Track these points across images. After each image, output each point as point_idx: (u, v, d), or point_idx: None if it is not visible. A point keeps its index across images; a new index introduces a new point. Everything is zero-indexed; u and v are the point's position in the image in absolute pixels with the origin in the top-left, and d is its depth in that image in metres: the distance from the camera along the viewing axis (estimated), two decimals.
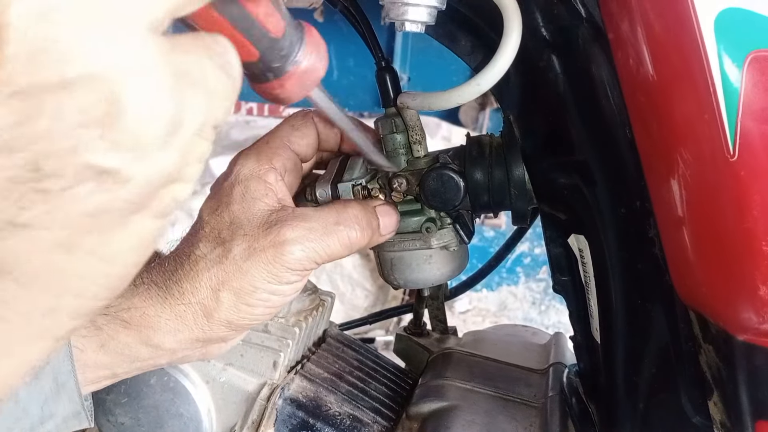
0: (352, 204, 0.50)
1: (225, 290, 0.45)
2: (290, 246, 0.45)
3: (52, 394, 0.44)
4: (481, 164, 0.56)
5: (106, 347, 0.45)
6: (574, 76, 0.50)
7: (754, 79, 0.34)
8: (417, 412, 0.64)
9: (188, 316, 0.45)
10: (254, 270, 0.45)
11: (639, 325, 0.51)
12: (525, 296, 2.61)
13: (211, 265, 0.45)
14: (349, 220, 0.48)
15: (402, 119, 0.57)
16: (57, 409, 0.44)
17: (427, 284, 0.62)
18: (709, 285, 0.42)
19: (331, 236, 0.47)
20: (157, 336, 0.46)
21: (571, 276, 0.59)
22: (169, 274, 0.46)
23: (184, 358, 0.50)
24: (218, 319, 0.46)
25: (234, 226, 0.46)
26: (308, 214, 0.47)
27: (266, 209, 0.47)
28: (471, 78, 0.46)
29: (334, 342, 0.73)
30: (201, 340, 0.47)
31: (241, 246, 0.45)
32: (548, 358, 0.73)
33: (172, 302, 0.45)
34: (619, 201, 0.50)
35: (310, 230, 0.46)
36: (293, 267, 0.46)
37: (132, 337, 0.45)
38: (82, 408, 0.45)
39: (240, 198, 0.47)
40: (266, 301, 0.46)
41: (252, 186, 0.47)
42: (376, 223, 0.51)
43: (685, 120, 0.37)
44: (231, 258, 0.45)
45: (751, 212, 0.36)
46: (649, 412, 0.53)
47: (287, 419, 0.61)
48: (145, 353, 0.46)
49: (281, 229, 0.45)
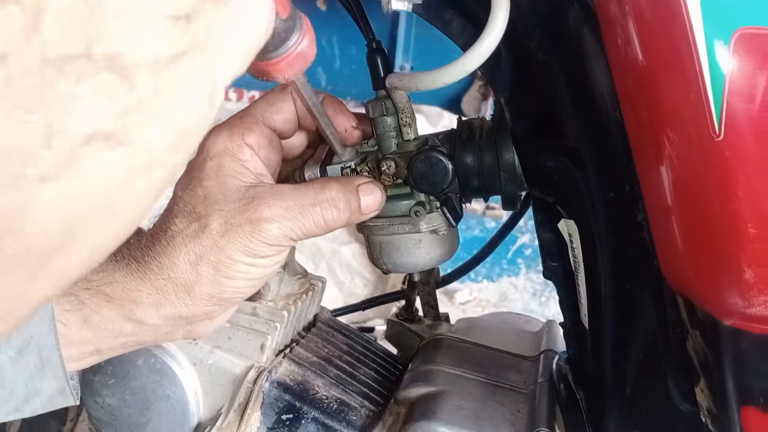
0: (331, 183, 0.49)
1: (203, 264, 0.45)
2: (266, 224, 0.45)
3: (36, 371, 0.44)
4: (471, 148, 0.56)
5: (89, 322, 0.45)
6: (565, 58, 0.49)
7: (741, 57, 0.34)
8: (405, 396, 0.64)
9: (169, 291, 0.45)
10: (231, 245, 0.45)
11: (627, 311, 0.51)
12: (526, 287, 2.61)
13: (188, 240, 0.45)
14: (326, 201, 0.48)
15: (392, 101, 0.56)
16: (42, 385, 0.44)
17: (416, 268, 0.62)
18: (695, 269, 0.41)
19: (307, 216, 0.47)
20: (139, 310, 0.45)
21: (561, 261, 0.59)
22: (146, 249, 0.46)
23: (169, 335, 0.49)
24: (199, 293, 0.46)
25: (209, 201, 0.46)
26: (286, 192, 0.47)
27: (242, 185, 0.47)
28: (458, 58, 0.45)
29: (324, 327, 0.73)
30: (184, 317, 0.47)
31: (218, 221, 0.45)
32: (540, 345, 0.73)
33: (151, 277, 0.45)
34: (609, 185, 0.49)
35: (286, 209, 0.46)
36: (270, 242, 0.46)
37: (115, 311, 0.45)
38: (67, 384, 0.45)
39: (214, 174, 0.47)
40: (246, 273, 0.46)
41: (226, 163, 0.47)
42: (356, 203, 0.50)
43: (672, 100, 0.37)
44: (208, 233, 0.45)
45: (736, 193, 0.35)
46: (637, 398, 0.52)
47: (274, 402, 0.61)
48: (129, 328, 0.46)
49: (258, 206, 0.45)
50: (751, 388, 0.43)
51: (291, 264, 0.68)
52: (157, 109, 0.24)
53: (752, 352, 0.42)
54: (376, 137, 0.59)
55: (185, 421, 0.62)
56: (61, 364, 0.44)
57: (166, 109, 0.24)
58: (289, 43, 0.40)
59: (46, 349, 0.43)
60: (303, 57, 0.41)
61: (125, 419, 0.63)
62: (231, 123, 0.51)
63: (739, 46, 0.34)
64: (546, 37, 0.50)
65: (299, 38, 0.40)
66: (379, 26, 3.03)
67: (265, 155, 0.51)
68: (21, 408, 0.45)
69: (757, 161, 0.35)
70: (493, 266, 2.65)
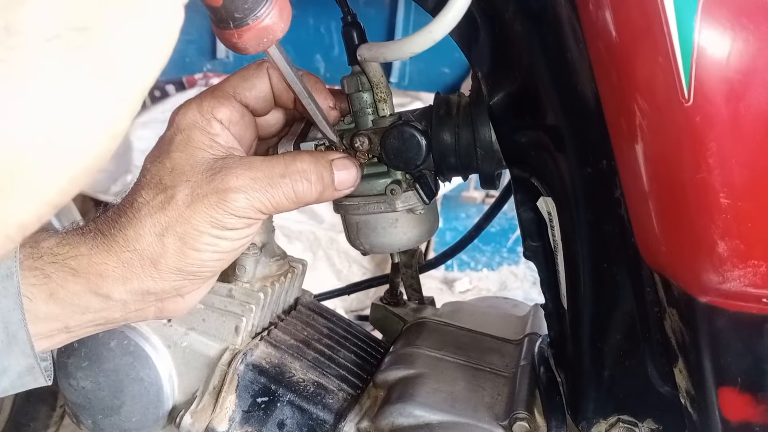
0: (302, 156, 0.48)
1: (169, 235, 0.44)
2: (233, 194, 0.44)
3: (3, 347, 0.43)
4: (447, 124, 0.54)
5: (55, 296, 0.44)
6: (541, 28, 0.47)
7: (709, 20, 0.32)
8: (384, 379, 0.63)
9: (135, 264, 0.44)
10: (197, 215, 0.44)
11: (605, 290, 0.49)
12: (526, 276, 2.59)
13: (153, 211, 0.44)
14: (296, 173, 0.46)
15: (366, 76, 0.55)
16: (9, 362, 0.43)
17: (393, 249, 0.60)
18: (669, 243, 0.40)
19: (276, 188, 0.45)
20: (105, 284, 0.44)
21: (541, 242, 0.57)
22: (112, 222, 0.45)
23: (140, 313, 0.48)
24: (166, 265, 0.44)
25: (176, 173, 0.45)
26: (255, 163, 0.46)
27: (211, 157, 0.46)
28: (424, 26, 0.44)
29: (305, 310, 0.72)
30: (153, 292, 0.46)
31: (184, 192, 0.44)
32: (525, 329, 0.72)
33: (117, 249, 0.44)
34: (586, 160, 0.47)
35: (254, 180, 0.45)
36: (237, 214, 0.44)
37: (81, 285, 0.44)
38: (36, 362, 0.44)
39: (182, 146, 0.46)
40: (213, 246, 0.45)
41: (195, 136, 0.46)
42: (329, 177, 0.49)
43: (640, 65, 0.35)
44: (174, 204, 0.44)
45: (707, 161, 0.34)
46: (615, 380, 0.51)
47: (249, 385, 0.60)
48: (96, 303, 0.45)
49: (225, 176, 0.44)
50: (728, 368, 0.42)
51: (269, 245, 0.67)
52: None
53: (728, 331, 0.40)
54: (353, 114, 0.57)
55: (159, 404, 0.62)
56: (28, 339, 0.43)
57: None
58: (256, 14, 0.39)
59: (12, 324, 0.42)
60: (269, 29, 0.40)
61: (99, 402, 0.62)
62: (201, 97, 0.50)
63: (708, 7, 0.32)
64: (522, 7, 0.48)
65: (268, 10, 0.39)
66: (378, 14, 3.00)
67: (237, 131, 0.50)
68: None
69: (728, 127, 0.33)
70: (493, 255, 2.63)
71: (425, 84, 2.86)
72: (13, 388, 0.45)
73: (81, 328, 0.47)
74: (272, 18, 0.39)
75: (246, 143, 0.51)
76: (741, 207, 0.35)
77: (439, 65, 2.86)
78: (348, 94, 0.56)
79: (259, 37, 0.40)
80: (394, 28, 2.81)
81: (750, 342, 0.41)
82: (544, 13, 0.46)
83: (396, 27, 2.80)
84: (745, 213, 0.35)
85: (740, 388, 0.42)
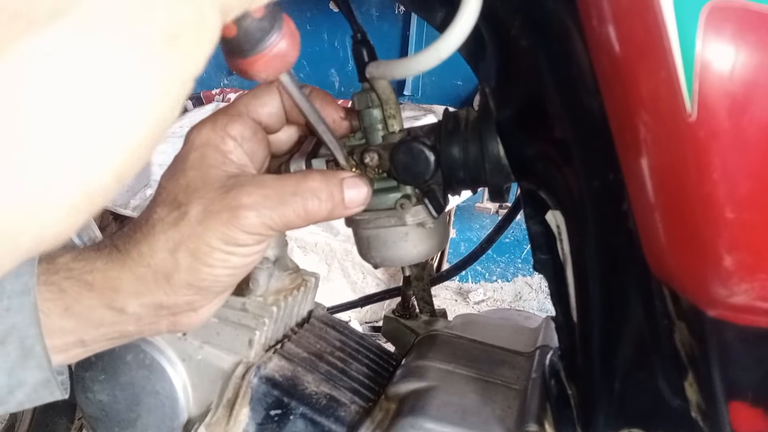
0: (313, 174, 0.49)
1: (181, 251, 0.45)
2: (245, 211, 0.45)
3: (19, 361, 0.44)
4: (456, 139, 0.55)
5: (71, 311, 0.45)
6: (547, 43, 0.48)
7: (712, 33, 0.32)
8: (395, 392, 0.63)
9: (149, 279, 0.45)
10: (209, 231, 0.45)
11: (614, 303, 0.49)
12: (541, 286, 2.58)
13: (167, 227, 0.45)
14: (307, 191, 0.47)
15: (376, 93, 0.56)
16: (25, 376, 0.44)
17: (404, 262, 0.61)
18: (676, 257, 0.40)
19: (287, 205, 0.46)
20: (120, 298, 0.45)
21: (550, 254, 0.57)
22: (127, 237, 0.46)
23: (153, 327, 0.49)
24: (178, 280, 0.45)
25: (190, 190, 0.46)
26: (267, 180, 0.47)
27: (224, 174, 0.47)
28: (431, 44, 0.44)
29: (317, 323, 0.73)
30: (166, 306, 0.47)
31: (197, 208, 0.45)
32: (536, 341, 0.72)
33: (131, 264, 0.45)
34: (593, 174, 0.48)
35: (265, 197, 0.45)
36: (248, 230, 0.45)
37: (95, 300, 0.45)
38: (52, 375, 0.45)
39: (197, 164, 0.47)
40: (224, 262, 0.46)
41: (209, 154, 0.47)
42: (339, 195, 0.50)
43: (643, 79, 0.35)
44: (187, 220, 0.45)
45: (711, 176, 0.34)
46: (626, 393, 0.51)
47: (262, 398, 0.61)
48: (110, 317, 0.46)
49: (238, 194, 0.45)
50: (739, 382, 0.41)
51: (282, 259, 0.67)
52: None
53: (738, 344, 0.40)
54: (363, 130, 0.58)
55: (175, 417, 0.62)
56: (44, 354, 0.44)
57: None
58: (266, 43, 0.40)
59: (28, 338, 0.44)
60: (281, 58, 0.41)
61: (116, 415, 0.63)
62: (215, 116, 0.51)
63: (710, 21, 0.32)
64: (528, 22, 0.48)
65: (278, 39, 0.40)
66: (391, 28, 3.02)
67: (250, 147, 0.51)
68: (6, 400, 0.45)
69: (732, 141, 0.33)
70: (507, 266, 2.63)
71: (439, 97, 2.87)
72: (30, 402, 0.46)
73: (96, 342, 0.48)
74: (283, 46, 0.40)
75: (259, 160, 0.52)
76: (747, 220, 0.35)
77: (452, 78, 2.87)
78: (358, 110, 0.57)
79: (272, 64, 0.41)
80: (408, 41, 2.83)
81: (760, 356, 0.41)
82: (550, 28, 0.47)
83: (410, 40, 2.82)
84: (751, 227, 0.35)
85: (751, 402, 0.42)
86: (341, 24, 2.88)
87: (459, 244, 2.80)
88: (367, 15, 2.85)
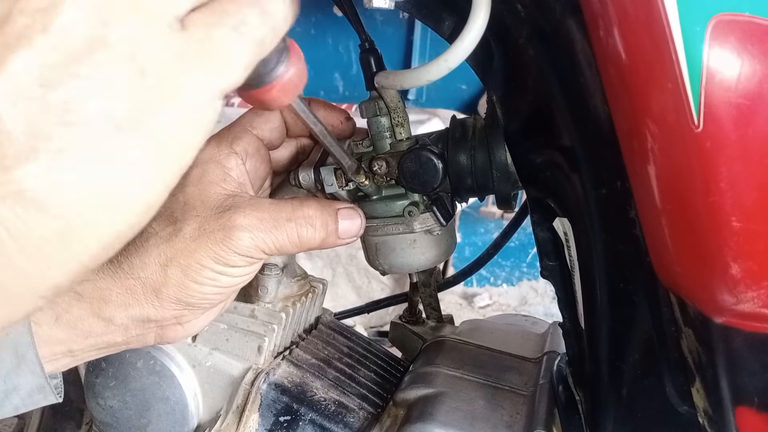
0: (309, 202, 0.50)
1: (172, 266, 0.45)
2: (239, 232, 0.45)
3: (13, 367, 0.44)
4: (463, 147, 0.55)
5: (60, 320, 0.46)
6: (554, 53, 0.49)
7: (718, 45, 0.33)
8: (404, 398, 0.63)
9: (138, 291, 0.46)
10: (202, 249, 0.45)
11: (622, 310, 0.49)
12: (546, 291, 2.58)
13: (160, 242, 0.46)
14: (302, 218, 0.48)
15: (384, 102, 0.56)
16: (20, 382, 0.45)
17: (412, 269, 0.61)
18: (683, 265, 0.40)
19: (281, 230, 0.47)
20: (108, 309, 0.46)
21: (558, 261, 0.58)
22: (120, 249, 0.46)
23: (141, 339, 0.50)
24: (167, 295, 0.46)
25: (187, 207, 0.46)
26: (263, 204, 0.47)
27: (222, 193, 0.47)
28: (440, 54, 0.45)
29: (325, 329, 0.73)
30: (153, 320, 0.48)
31: (192, 226, 0.46)
32: (544, 347, 0.72)
33: (121, 275, 0.46)
34: (600, 182, 0.48)
35: (260, 220, 0.46)
36: (240, 252, 0.46)
37: (84, 310, 0.46)
38: (46, 381, 0.46)
39: (197, 180, 0.47)
40: (214, 280, 0.47)
41: (210, 170, 0.48)
42: (333, 225, 0.50)
43: (650, 90, 0.36)
44: (181, 236, 0.45)
45: (718, 185, 0.34)
46: (634, 399, 0.51)
47: (271, 404, 0.61)
48: (98, 327, 0.47)
49: (233, 214, 0.46)
50: (745, 387, 0.42)
51: (290, 266, 0.68)
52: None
53: (744, 351, 0.40)
54: (371, 138, 0.59)
55: (185, 423, 0.63)
56: (37, 360, 0.45)
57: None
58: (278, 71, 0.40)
59: (21, 345, 0.44)
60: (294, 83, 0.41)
61: (126, 421, 0.64)
62: (219, 134, 0.52)
63: (716, 34, 0.33)
64: (535, 32, 0.49)
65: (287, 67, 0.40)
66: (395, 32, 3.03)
67: (252, 164, 0.52)
68: (2, 404, 0.46)
69: (738, 151, 0.34)
70: (512, 270, 2.63)
71: (443, 100, 2.88)
72: (25, 406, 0.47)
73: (84, 351, 0.48)
74: (292, 70, 0.40)
75: (261, 176, 0.53)
76: (753, 229, 0.36)
77: (456, 82, 2.88)
78: (366, 118, 0.58)
79: (286, 90, 0.41)
80: (412, 45, 2.84)
81: (766, 362, 0.41)
82: (557, 38, 0.47)
83: (413, 44, 2.83)
84: (757, 235, 0.36)
85: (758, 408, 0.42)
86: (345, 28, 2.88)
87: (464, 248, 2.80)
88: (372, 19, 2.86)
